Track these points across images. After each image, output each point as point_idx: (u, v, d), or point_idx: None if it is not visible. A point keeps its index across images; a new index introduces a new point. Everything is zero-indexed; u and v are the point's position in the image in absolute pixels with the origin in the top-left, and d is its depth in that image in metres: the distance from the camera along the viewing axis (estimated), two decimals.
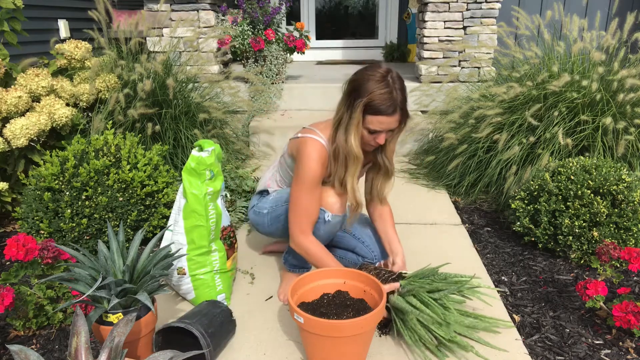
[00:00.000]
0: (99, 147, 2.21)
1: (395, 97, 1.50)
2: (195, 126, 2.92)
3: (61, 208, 2.05)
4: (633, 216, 1.95)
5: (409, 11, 5.49)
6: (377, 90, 1.48)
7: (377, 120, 1.52)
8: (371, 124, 1.53)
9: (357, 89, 1.52)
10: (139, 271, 1.40)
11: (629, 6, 4.67)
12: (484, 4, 3.63)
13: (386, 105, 1.49)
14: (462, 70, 3.76)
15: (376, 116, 1.51)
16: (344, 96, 1.58)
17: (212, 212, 1.65)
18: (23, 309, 1.57)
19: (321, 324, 1.31)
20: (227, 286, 1.74)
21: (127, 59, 2.94)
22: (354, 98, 1.52)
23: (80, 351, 1.09)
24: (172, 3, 3.70)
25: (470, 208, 2.63)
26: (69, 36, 4.34)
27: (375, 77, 1.50)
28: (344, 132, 1.57)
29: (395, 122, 1.54)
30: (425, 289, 1.53)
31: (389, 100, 1.49)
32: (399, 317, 1.51)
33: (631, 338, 1.56)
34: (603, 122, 2.38)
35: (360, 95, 1.50)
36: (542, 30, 2.80)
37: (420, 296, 1.51)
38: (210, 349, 1.35)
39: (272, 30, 3.82)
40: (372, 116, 1.51)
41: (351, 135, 1.55)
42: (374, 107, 1.50)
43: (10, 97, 2.31)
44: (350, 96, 1.54)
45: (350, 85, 1.56)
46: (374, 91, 1.48)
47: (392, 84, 1.50)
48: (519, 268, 2.02)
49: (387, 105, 1.49)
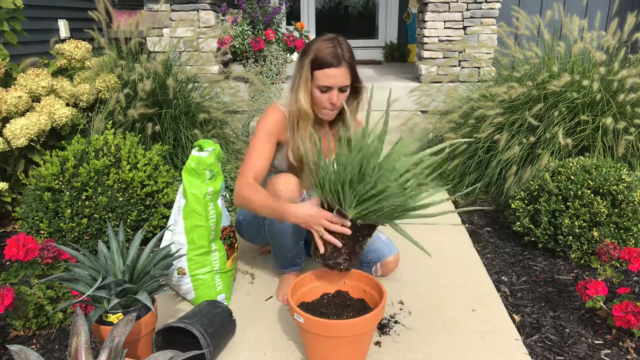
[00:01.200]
0: (99, 147, 2.21)
1: (340, 52, 1.58)
2: (195, 126, 2.92)
3: (61, 208, 2.05)
4: (633, 216, 1.95)
5: (409, 11, 5.49)
6: (322, 46, 1.59)
7: (323, 74, 1.59)
8: (319, 79, 1.60)
9: (305, 50, 1.63)
10: (139, 271, 1.40)
11: (629, 6, 4.67)
12: (484, 4, 3.63)
13: (331, 57, 1.57)
14: (462, 70, 3.76)
15: (322, 70, 1.58)
16: (296, 63, 1.68)
17: (212, 212, 1.65)
18: (23, 309, 1.57)
19: (321, 324, 1.31)
20: (227, 286, 1.74)
21: (127, 59, 2.94)
22: (303, 58, 1.62)
23: (80, 351, 1.08)
24: (172, 3, 3.70)
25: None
26: (69, 36, 4.34)
27: (322, 38, 1.62)
28: (295, 93, 1.66)
29: (342, 75, 1.60)
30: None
31: (333, 53, 1.57)
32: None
33: (631, 338, 1.56)
34: (603, 122, 2.38)
35: (307, 54, 1.61)
36: (542, 30, 2.80)
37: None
38: (210, 349, 1.35)
39: (272, 30, 3.82)
40: (318, 70, 1.59)
41: (300, 93, 1.63)
42: (319, 61, 1.58)
43: (10, 97, 2.31)
44: (300, 59, 1.64)
45: (301, 51, 1.67)
46: (319, 47, 1.59)
47: (337, 42, 1.60)
48: (519, 268, 2.02)
49: (332, 57, 1.57)
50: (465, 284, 1.86)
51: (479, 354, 1.47)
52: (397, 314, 1.67)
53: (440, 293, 1.80)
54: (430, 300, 1.75)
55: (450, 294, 1.79)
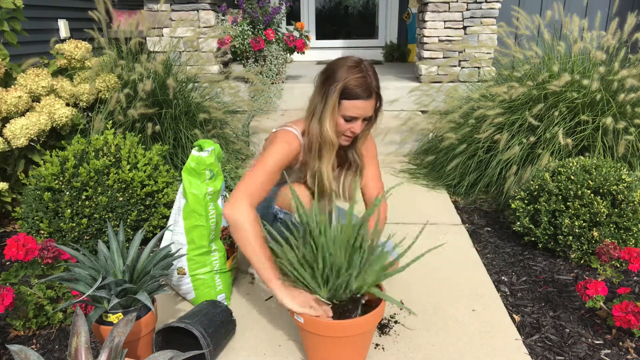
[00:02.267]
0: (99, 147, 2.20)
1: (370, 81, 1.52)
2: (195, 126, 2.92)
3: (61, 208, 2.05)
4: (633, 216, 1.95)
5: (409, 11, 5.48)
6: (352, 75, 1.50)
7: (353, 105, 1.52)
8: (347, 110, 1.53)
9: (331, 76, 1.53)
10: (139, 271, 1.40)
11: (629, 6, 4.67)
12: (484, 4, 3.63)
13: (362, 89, 1.50)
14: (462, 70, 3.76)
15: (352, 101, 1.52)
16: (317, 87, 1.59)
17: (212, 212, 1.65)
18: (23, 309, 1.57)
19: (321, 323, 1.31)
20: (227, 286, 1.74)
21: (127, 59, 2.94)
22: (329, 84, 1.53)
23: (80, 351, 1.08)
24: (172, 3, 3.70)
25: (470, 208, 2.63)
26: (69, 36, 4.34)
27: (348, 64, 1.53)
28: (318, 121, 1.57)
29: (370, 107, 1.55)
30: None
31: (364, 84, 1.50)
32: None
33: (631, 338, 1.56)
34: (603, 122, 2.38)
35: (336, 80, 1.51)
36: (542, 30, 2.80)
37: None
38: (210, 349, 1.35)
39: (272, 30, 3.82)
40: (348, 101, 1.52)
41: (326, 122, 1.55)
42: (350, 91, 1.50)
43: (10, 97, 2.31)
44: (324, 84, 1.55)
45: (323, 74, 1.57)
46: (349, 76, 1.50)
47: (365, 70, 1.52)
48: (519, 268, 2.01)
49: (362, 89, 1.50)
50: (465, 284, 1.86)
51: (478, 354, 1.47)
52: (397, 314, 1.67)
53: (440, 293, 1.80)
54: (430, 300, 1.75)
55: (450, 294, 1.79)
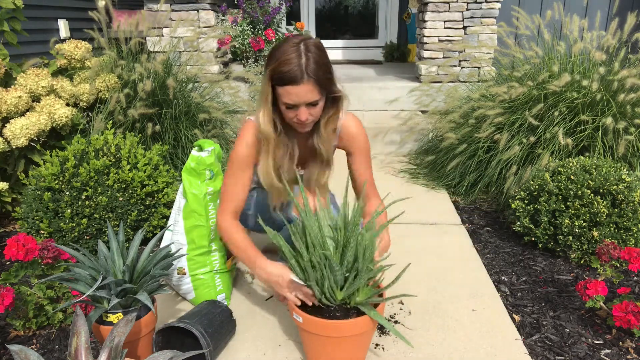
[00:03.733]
0: (99, 147, 2.21)
1: (302, 62, 1.33)
2: (195, 126, 2.92)
3: (61, 208, 2.05)
4: (633, 216, 1.95)
5: (409, 11, 5.49)
6: (284, 57, 1.34)
7: (285, 92, 1.37)
8: (282, 96, 1.38)
9: (268, 59, 1.39)
10: (139, 271, 1.40)
11: (629, 6, 4.67)
12: (484, 4, 3.63)
13: (291, 72, 1.33)
14: (462, 70, 3.76)
15: (284, 87, 1.36)
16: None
17: (212, 212, 1.65)
18: (23, 309, 1.57)
19: (320, 323, 1.31)
20: (227, 286, 1.74)
21: (127, 59, 2.94)
22: (265, 68, 1.40)
23: (80, 351, 1.08)
24: (172, 3, 3.70)
25: (470, 208, 2.63)
26: (69, 36, 4.34)
27: (289, 42, 1.37)
28: (257, 110, 1.47)
29: (307, 92, 1.36)
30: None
31: (295, 66, 1.32)
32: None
33: (631, 338, 1.56)
34: (603, 122, 2.38)
35: (270, 62, 1.38)
36: (542, 30, 2.80)
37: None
38: (210, 349, 1.35)
39: (272, 30, 3.82)
40: (280, 87, 1.37)
41: (260, 111, 1.44)
42: (281, 76, 1.35)
43: (10, 97, 2.31)
44: (264, 68, 1.42)
45: (268, 55, 1.43)
46: (280, 58, 1.34)
47: (301, 51, 1.34)
48: (519, 268, 2.01)
49: (292, 72, 1.33)
50: (465, 284, 1.86)
51: (478, 354, 1.47)
52: (397, 314, 1.67)
53: (440, 293, 1.80)
54: (430, 300, 1.75)
55: (450, 294, 1.79)
